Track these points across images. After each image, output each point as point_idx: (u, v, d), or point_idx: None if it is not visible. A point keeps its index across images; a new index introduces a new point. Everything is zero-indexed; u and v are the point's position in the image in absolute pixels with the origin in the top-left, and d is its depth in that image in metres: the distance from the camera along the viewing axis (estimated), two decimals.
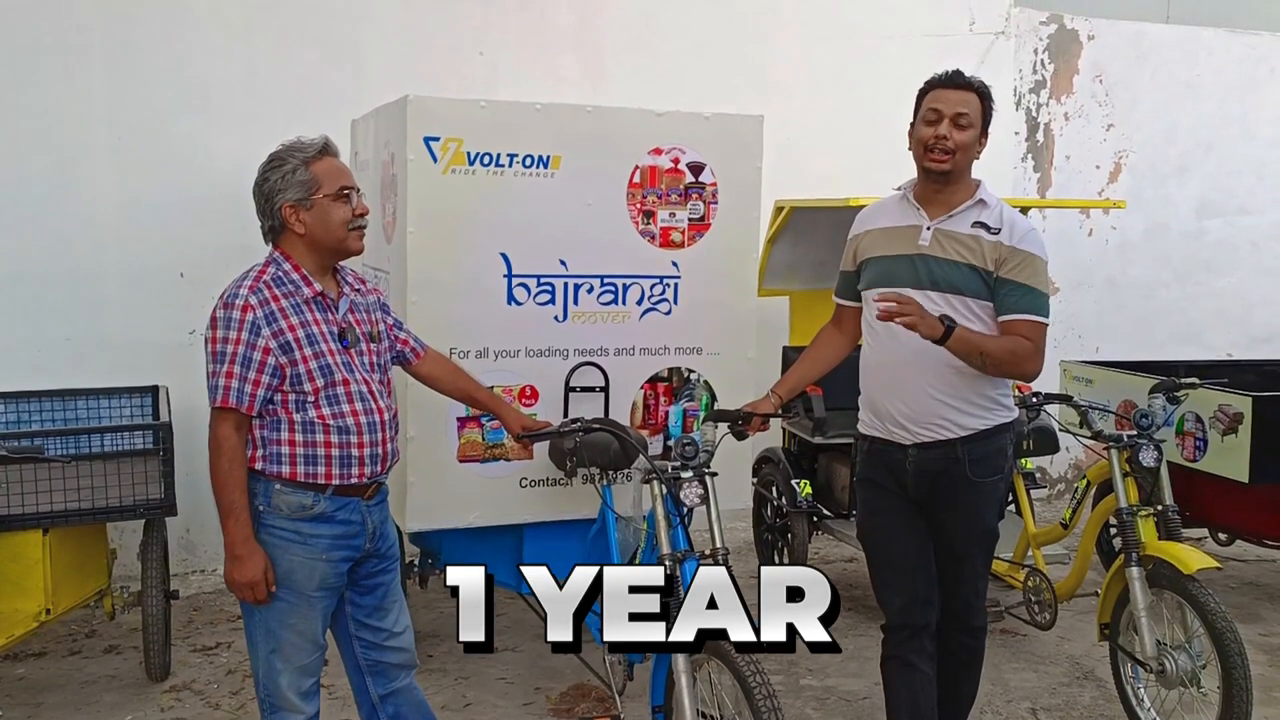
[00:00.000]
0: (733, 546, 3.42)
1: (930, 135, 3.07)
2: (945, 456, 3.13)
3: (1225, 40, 7.43)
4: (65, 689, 4.22)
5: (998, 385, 3.16)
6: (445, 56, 5.64)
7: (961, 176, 3.13)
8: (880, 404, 3.21)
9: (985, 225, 3.09)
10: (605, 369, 4.00)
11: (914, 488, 3.19)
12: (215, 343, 2.67)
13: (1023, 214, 3.22)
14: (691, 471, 3.20)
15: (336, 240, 2.76)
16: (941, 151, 3.06)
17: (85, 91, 5.14)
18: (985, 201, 3.13)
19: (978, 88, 3.12)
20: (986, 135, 3.16)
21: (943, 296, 3.07)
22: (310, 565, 2.73)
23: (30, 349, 5.07)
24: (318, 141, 2.77)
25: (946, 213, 3.12)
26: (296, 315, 2.70)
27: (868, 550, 3.42)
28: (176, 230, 5.28)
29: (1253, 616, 5.08)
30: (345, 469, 2.74)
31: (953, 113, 3.06)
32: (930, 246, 3.10)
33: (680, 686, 3.03)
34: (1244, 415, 4.53)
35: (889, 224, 3.23)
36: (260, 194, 2.74)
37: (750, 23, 6.25)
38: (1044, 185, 7.12)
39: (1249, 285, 7.58)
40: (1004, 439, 3.19)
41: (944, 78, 3.12)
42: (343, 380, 2.74)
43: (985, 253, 3.06)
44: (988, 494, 3.20)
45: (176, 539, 5.14)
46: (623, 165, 3.93)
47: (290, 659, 2.77)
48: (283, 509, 2.71)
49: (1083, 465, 7.08)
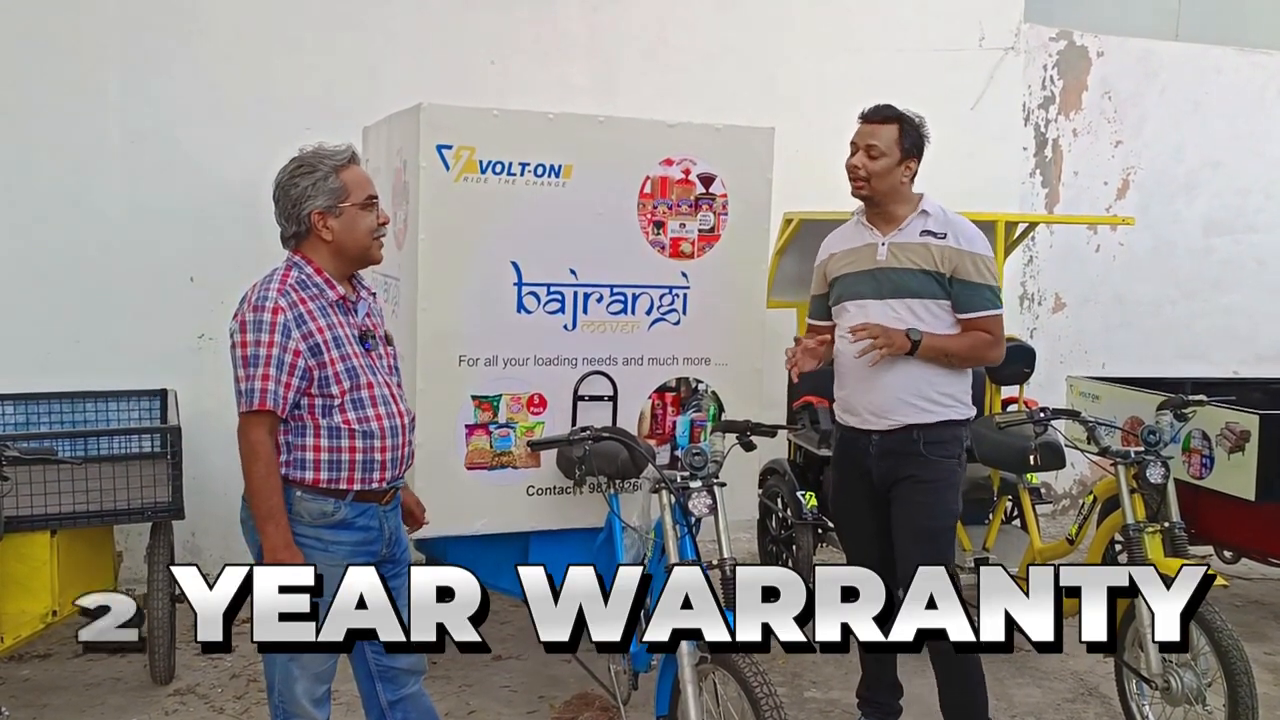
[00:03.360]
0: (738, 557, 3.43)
1: (847, 165, 3.50)
2: (903, 439, 3.51)
3: (1234, 58, 7.45)
4: (70, 691, 4.23)
5: (955, 384, 3.53)
6: (457, 65, 5.66)
7: (895, 196, 3.50)
8: (850, 400, 3.64)
9: (931, 232, 3.48)
10: (614, 378, 4.01)
11: (876, 469, 3.57)
12: (245, 346, 2.64)
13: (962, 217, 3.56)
14: (700, 481, 3.21)
15: (361, 249, 2.78)
16: (856, 179, 3.49)
17: (99, 97, 5.17)
18: (927, 211, 3.51)
19: (896, 117, 3.47)
20: (913, 158, 3.48)
21: (901, 302, 3.48)
22: (331, 573, 2.71)
23: (40, 351, 5.09)
24: (345, 150, 2.78)
25: (896, 227, 3.52)
26: (324, 318, 2.71)
27: (834, 522, 3.94)
28: (187, 235, 5.30)
29: (1258, 635, 5.07)
30: (367, 474, 2.76)
31: (864, 144, 3.47)
32: (887, 260, 3.50)
33: (686, 696, 3.03)
34: (1250, 433, 4.53)
35: (849, 245, 3.63)
36: (287, 199, 2.73)
37: (761, 35, 6.27)
38: (1052, 201, 7.12)
39: (1256, 303, 7.58)
40: (958, 430, 3.56)
41: (864, 111, 3.54)
42: (367, 384, 2.75)
43: (935, 257, 3.45)
44: (944, 473, 3.52)
45: (182, 543, 5.14)
46: (634, 175, 3.94)
47: (308, 666, 2.78)
48: (304, 516, 2.72)
49: (1089, 481, 7.06)
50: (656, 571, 3.42)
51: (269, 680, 2.83)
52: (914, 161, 3.48)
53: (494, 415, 3.88)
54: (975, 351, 3.50)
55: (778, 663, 4.59)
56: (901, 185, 3.49)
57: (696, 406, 4.13)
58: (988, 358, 3.55)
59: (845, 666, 4.59)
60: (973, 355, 3.51)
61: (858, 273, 3.56)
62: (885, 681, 3.84)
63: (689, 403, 4.13)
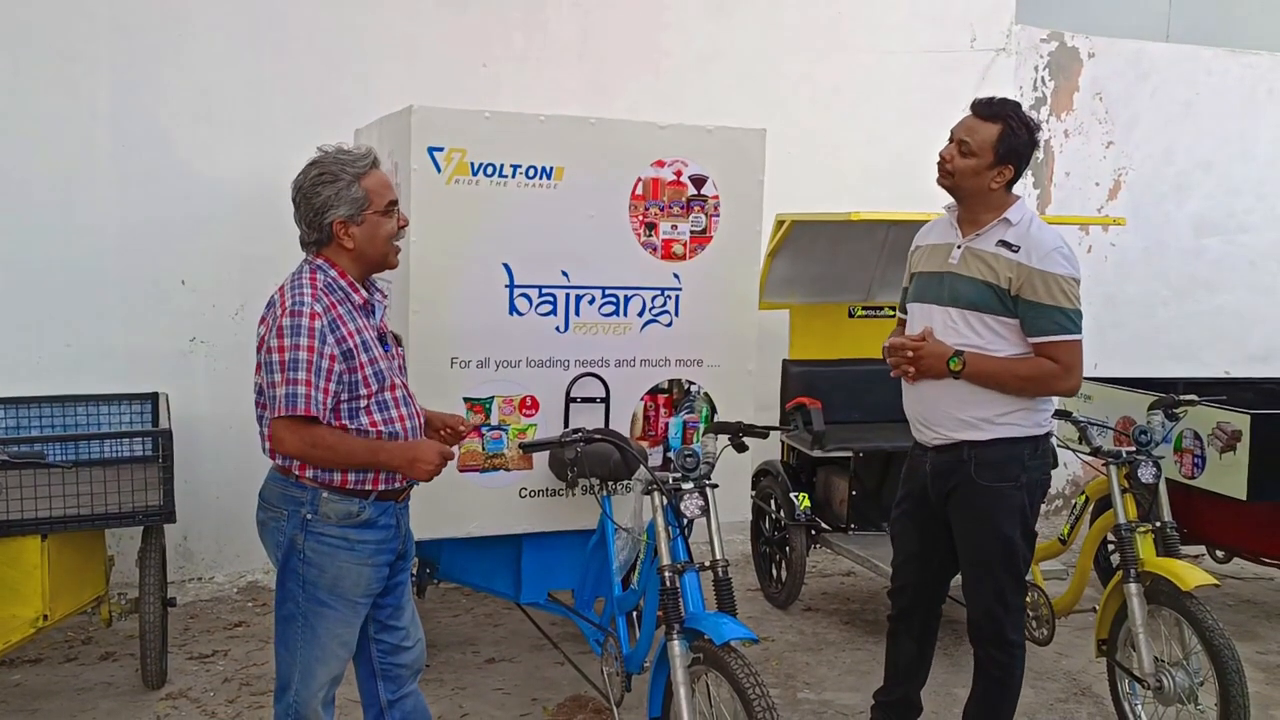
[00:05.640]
0: (731, 559, 3.43)
1: (939, 152, 3.28)
2: (955, 459, 3.29)
3: (1224, 60, 7.47)
4: (61, 696, 4.21)
5: (1016, 404, 3.23)
6: (449, 68, 5.66)
7: (981, 199, 3.25)
8: (907, 408, 3.44)
9: (1007, 243, 3.20)
10: (606, 380, 4.01)
11: (933, 489, 3.37)
12: (284, 350, 2.61)
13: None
14: (692, 483, 3.21)
15: (381, 255, 2.79)
16: (942, 170, 3.27)
17: (89, 100, 5.15)
18: (1010, 220, 3.23)
19: (1002, 117, 3.19)
20: (1009, 164, 3.21)
21: (960, 313, 3.24)
22: (358, 571, 2.76)
23: (31, 355, 5.07)
24: (367, 155, 2.76)
25: (975, 231, 3.27)
26: (352, 322, 2.71)
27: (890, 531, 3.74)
28: (178, 238, 5.29)
29: (1250, 634, 5.08)
30: (390, 474, 2.77)
31: (959, 137, 3.24)
32: (958, 265, 3.27)
33: (679, 698, 3.03)
34: (1242, 433, 4.54)
35: (934, 241, 3.42)
36: (309, 206, 2.71)
37: (753, 37, 6.27)
38: (1044, 201, 7.14)
39: (1247, 303, 7.59)
40: (1015, 450, 3.26)
41: (974, 102, 3.28)
42: (390, 385, 2.77)
43: (1001, 271, 3.18)
44: (997, 500, 3.27)
45: (174, 546, 5.13)
46: (625, 177, 3.95)
47: (332, 667, 2.81)
48: (331, 517, 2.72)
49: (1081, 481, 7.07)
50: (649, 573, 3.43)
51: (283, 680, 2.83)
52: (1009, 168, 3.20)
53: (486, 417, 3.88)
54: (1036, 383, 3.18)
55: (770, 664, 4.59)
56: (991, 190, 3.21)
57: (689, 408, 4.13)
58: (1053, 389, 3.22)
59: (838, 668, 4.59)
60: (1031, 386, 3.19)
61: (930, 273, 3.36)
62: (909, 700, 3.68)
63: (681, 404, 4.13)
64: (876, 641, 4.62)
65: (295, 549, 2.74)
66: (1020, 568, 3.35)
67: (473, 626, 5.00)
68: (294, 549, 2.74)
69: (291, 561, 2.75)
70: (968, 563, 3.38)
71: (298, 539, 2.73)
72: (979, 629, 3.38)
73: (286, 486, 2.75)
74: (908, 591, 3.59)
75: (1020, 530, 3.31)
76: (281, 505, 2.75)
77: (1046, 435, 3.34)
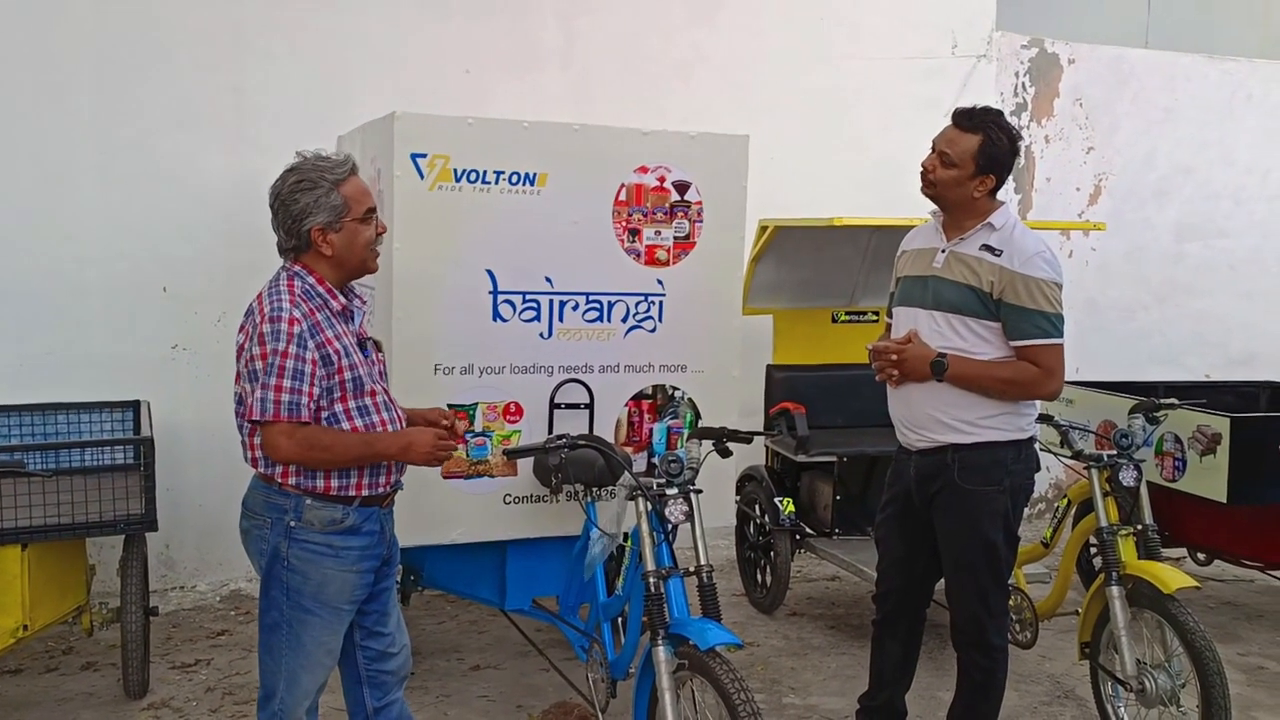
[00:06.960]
0: (716, 564, 3.43)
1: (921, 162, 3.31)
2: (938, 462, 3.32)
3: (1203, 66, 7.54)
4: (42, 706, 4.18)
5: (1000, 407, 3.26)
6: (432, 74, 5.65)
7: (964, 207, 3.29)
8: (892, 412, 3.46)
9: (990, 247, 3.23)
10: (590, 386, 4.01)
11: (917, 492, 3.40)
12: (264, 358, 2.61)
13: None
14: (677, 488, 3.22)
15: (360, 261, 2.79)
16: (924, 180, 3.32)
17: (72, 107, 5.12)
18: (994, 225, 3.26)
19: (982, 128, 3.22)
20: (990, 174, 3.24)
21: (944, 316, 3.28)
22: (343, 578, 2.75)
23: (11, 363, 5.03)
24: (345, 162, 2.76)
25: (959, 236, 3.31)
26: (331, 328, 2.71)
27: (875, 534, 3.80)
28: (160, 245, 5.26)
29: (1231, 636, 5.11)
30: (374, 479, 2.77)
31: (939, 148, 3.28)
32: (942, 269, 3.31)
33: (664, 704, 3.04)
34: (1222, 436, 4.57)
35: (919, 246, 3.46)
36: (287, 214, 2.71)
37: (736, 44, 6.29)
38: (1024, 207, 7.18)
39: (1227, 308, 7.65)
40: (998, 453, 3.29)
41: (955, 112, 3.30)
42: (370, 390, 2.77)
43: (984, 275, 3.21)
44: (981, 503, 3.29)
45: (156, 555, 5.10)
46: (609, 183, 3.95)
47: (317, 675, 2.81)
48: (315, 523, 2.72)
49: (1063, 485, 7.11)
50: (633, 579, 3.43)
51: (267, 689, 2.82)
52: (990, 178, 3.23)
53: (470, 424, 3.87)
54: (1017, 386, 3.22)
55: (756, 669, 4.59)
56: (974, 199, 3.25)
57: (673, 413, 4.14)
58: (1035, 393, 3.26)
59: (823, 672, 4.60)
60: (1013, 389, 3.22)
61: (915, 277, 3.40)
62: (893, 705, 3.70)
63: (665, 410, 4.13)
64: (861, 646, 4.63)
65: (279, 556, 2.73)
66: (1003, 571, 3.37)
67: (457, 633, 4.99)
68: (278, 556, 2.73)
69: (275, 569, 2.73)
70: (951, 566, 3.40)
71: (281, 546, 2.72)
72: (962, 633, 3.41)
73: (269, 494, 2.74)
74: (892, 596, 3.61)
75: (1003, 534, 3.33)
76: (265, 513, 2.74)
77: (1030, 440, 3.37)
